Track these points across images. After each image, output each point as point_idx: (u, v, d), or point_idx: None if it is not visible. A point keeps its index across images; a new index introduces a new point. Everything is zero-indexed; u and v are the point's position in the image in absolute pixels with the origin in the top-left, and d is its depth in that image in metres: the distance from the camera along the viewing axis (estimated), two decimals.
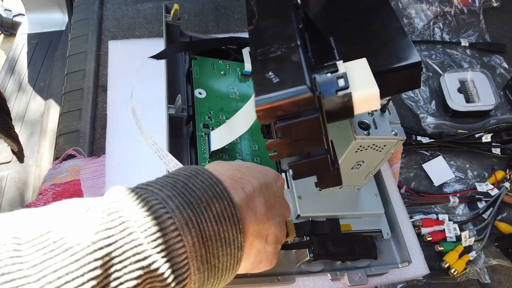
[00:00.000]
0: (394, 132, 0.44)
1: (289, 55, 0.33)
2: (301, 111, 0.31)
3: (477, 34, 0.89)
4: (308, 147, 0.34)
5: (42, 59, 0.74)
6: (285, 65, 0.33)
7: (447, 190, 0.73)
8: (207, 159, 0.52)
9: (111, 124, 0.62)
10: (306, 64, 0.32)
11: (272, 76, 0.32)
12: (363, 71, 0.34)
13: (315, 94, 0.31)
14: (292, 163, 0.36)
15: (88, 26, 0.73)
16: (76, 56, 0.71)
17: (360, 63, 0.34)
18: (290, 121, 0.32)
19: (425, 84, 0.82)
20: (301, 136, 0.33)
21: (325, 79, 0.33)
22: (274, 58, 0.34)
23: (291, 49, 0.34)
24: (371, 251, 0.51)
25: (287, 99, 0.31)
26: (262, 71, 0.33)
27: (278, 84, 0.31)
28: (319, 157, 0.35)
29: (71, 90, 0.68)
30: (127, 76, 0.65)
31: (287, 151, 0.34)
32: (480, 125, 0.77)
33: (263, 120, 0.32)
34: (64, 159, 0.63)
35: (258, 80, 0.33)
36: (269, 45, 0.35)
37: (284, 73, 0.32)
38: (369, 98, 0.33)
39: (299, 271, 0.51)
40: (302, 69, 0.32)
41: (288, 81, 0.31)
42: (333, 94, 0.32)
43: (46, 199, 0.59)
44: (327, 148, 0.34)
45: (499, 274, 0.66)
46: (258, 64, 0.34)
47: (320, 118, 0.32)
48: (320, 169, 0.36)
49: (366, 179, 0.51)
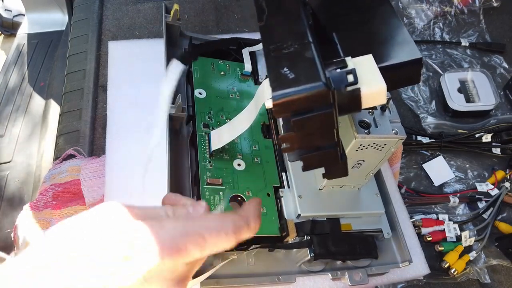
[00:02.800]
0: (394, 131, 0.44)
1: (303, 51, 0.35)
2: (315, 106, 0.32)
3: (477, 34, 0.89)
4: (320, 140, 0.35)
5: (42, 59, 0.74)
6: (299, 61, 0.34)
7: (447, 190, 0.73)
8: (207, 159, 0.52)
9: (111, 124, 0.62)
10: (320, 61, 0.34)
11: (288, 72, 0.33)
12: (371, 67, 0.35)
13: (331, 89, 0.32)
14: (303, 155, 0.37)
15: (88, 26, 0.73)
16: (76, 56, 0.71)
17: (367, 59, 0.35)
18: (306, 115, 0.33)
19: (425, 84, 0.82)
20: (314, 130, 0.34)
21: (335, 74, 0.34)
22: (288, 55, 0.35)
23: (304, 45, 0.35)
24: (371, 251, 0.51)
25: (303, 94, 0.32)
26: (277, 67, 0.34)
27: (294, 80, 0.32)
28: (329, 150, 0.36)
29: (71, 90, 0.68)
30: (127, 76, 0.65)
31: (299, 144, 0.35)
32: (480, 125, 0.77)
33: (279, 114, 0.33)
34: (64, 159, 0.63)
35: (274, 76, 0.34)
36: (282, 41, 0.36)
37: (299, 69, 0.33)
38: (377, 93, 0.34)
39: (299, 271, 0.51)
40: (317, 66, 0.33)
41: (304, 77, 0.32)
42: (342, 89, 0.33)
43: (46, 199, 0.59)
44: (337, 141, 0.35)
45: (499, 274, 0.66)
46: (272, 60, 0.35)
47: (334, 113, 0.33)
48: (329, 161, 0.37)
49: (366, 178, 0.51)
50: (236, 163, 0.53)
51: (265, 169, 0.54)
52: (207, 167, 0.51)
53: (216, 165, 0.52)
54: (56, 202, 0.59)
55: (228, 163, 0.53)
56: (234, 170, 0.52)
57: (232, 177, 0.52)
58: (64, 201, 0.59)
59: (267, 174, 0.54)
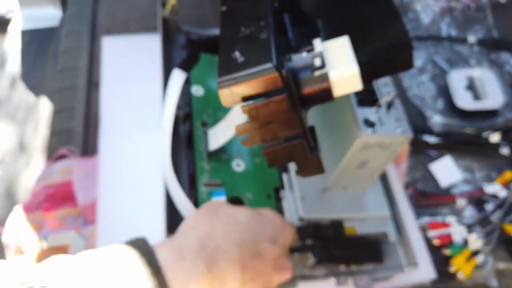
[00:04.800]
0: (400, 130, 0.42)
1: (258, 34, 0.32)
2: (267, 91, 0.30)
3: (485, 30, 0.88)
4: (280, 131, 0.32)
5: (34, 56, 0.72)
6: (252, 44, 0.31)
7: (454, 191, 0.71)
8: (205, 159, 0.50)
9: (104, 123, 0.61)
10: (275, 42, 0.31)
11: (238, 56, 0.31)
12: (343, 49, 0.32)
13: (281, 72, 0.29)
14: (265, 149, 0.34)
15: (82, 21, 0.72)
16: (69, 53, 0.70)
17: (341, 42, 0.32)
18: (256, 102, 0.30)
19: (432, 82, 0.81)
20: (271, 119, 0.31)
21: (300, 58, 0.32)
22: (242, 38, 0.32)
23: (260, 28, 0.32)
24: (376, 255, 0.50)
25: (250, 79, 0.29)
26: (229, 52, 0.31)
27: (242, 64, 0.30)
28: (293, 142, 0.33)
29: (64, 87, 0.67)
30: (121, 73, 0.64)
31: (259, 136, 0.33)
32: (488, 124, 0.76)
33: (226, 102, 0.31)
34: (57, 159, 0.62)
35: (223, 61, 0.31)
36: (239, 25, 0.33)
37: (250, 52, 0.31)
38: (348, 78, 0.31)
39: (302, 276, 0.49)
40: (270, 47, 0.30)
41: (253, 60, 0.30)
42: (310, 74, 0.31)
43: (39, 201, 0.58)
44: (302, 132, 0.33)
45: (507, 278, 0.64)
46: (225, 45, 0.32)
47: (288, 99, 0.30)
48: (297, 155, 0.34)
49: (371, 179, 0.50)
50: (235, 163, 0.52)
51: (265, 169, 0.52)
52: (204, 167, 0.50)
53: (214, 165, 0.50)
54: (48, 204, 0.58)
55: (227, 164, 0.51)
56: (233, 171, 0.51)
57: (231, 178, 0.50)
58: (56, 203, 0.58)
59: (267, 175, 0.52)
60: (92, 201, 0.56)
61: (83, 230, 0.54)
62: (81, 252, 0.30)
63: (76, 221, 0.56)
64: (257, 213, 0.39)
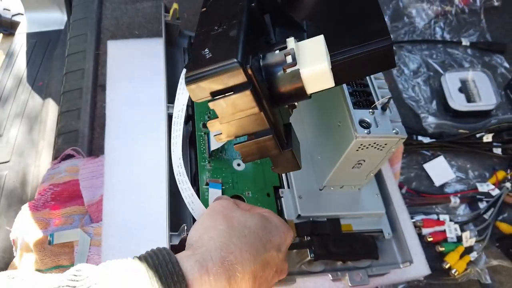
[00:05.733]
0: (395, 131, 0.43)
1: (229, 31, 0.32)
2: (232, 86, 0.30)
3: (478, 34, 0.89)
4: (249, 126, 0.33)
5: (41, 59, 0.73)
6: (222, 41, 0.32)
7: (448, 190, 0.73)
8: (206, 159, 0.51)
9: (110, 124, 0.62)
10: (245, 40, 0.31)
11: (207, 53, 0.31)
12: (317, 47, 0.32)
13: (245, 68, 0.30)
14: (237, 144, 0.35)
15: (87, 25, 0.73)
16: (75, 56, 0.70)
17: (316, 40, 0.33)
18: (221, 97, 0.31)
19: (426, 84, 0.82)
20: (238, 114, 0.32)
21: (272, 56, 0.32)
22: (213, 36, 0.33)
23: (232, 25, 0.33)
24: (372, 251, 0.51)
25: (215, 74, 0.30)
26: (199, 49, 0.32)
27: (209, 60, 0.31)
28: (263, 138, 0.34)
29: (70, 89, 0.68)
30: (126, 75, 0.65)
31: (230, 132, 0.33)
32: (481, 125, 0.77)
33: (196, 98, 0.31)
34: (63, 159, 0.63)
35: (192, 58, 0.32)
36: (214, 24, 0.34)
37: (219, 49, 0.31)
38: (319, 75, 0.32)
39: (299, 272, 0.51)
40: (237, 44, 0.31)
41: (219, 56, 0.30)
42: (281, 71, 0.32)
43: (45, 199, 0.59)
44: (272, 127, 0.33)
45: (500, 275, 0.66)
46: (198, 43, 0.33)
47: (253, 94, 0.30)
48: (268, 151, 0.35)
49: (367, 178, 0.51)
50: (236, 163, 0.53)
51: (264, 169, 0.53)
52: (206, 167, 0.51)
53: (215, 165, 0.51)
54: (54, 202, 0.58)
55: (228, 163, 0.52)
56: (234, 170, 0.52)
57: (232, 177, 0.51)
58: (62, 201, 0.59)
59: (267, 174, 0.53)
60: (98, 199, 0.57)
61: (88, 228, 0.54)
62: (105, 262, 0.31)
63: (82, 219, 0.57)
64: (264, 220, 0.40)
